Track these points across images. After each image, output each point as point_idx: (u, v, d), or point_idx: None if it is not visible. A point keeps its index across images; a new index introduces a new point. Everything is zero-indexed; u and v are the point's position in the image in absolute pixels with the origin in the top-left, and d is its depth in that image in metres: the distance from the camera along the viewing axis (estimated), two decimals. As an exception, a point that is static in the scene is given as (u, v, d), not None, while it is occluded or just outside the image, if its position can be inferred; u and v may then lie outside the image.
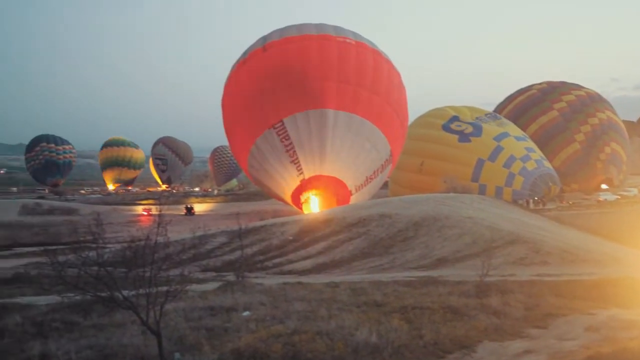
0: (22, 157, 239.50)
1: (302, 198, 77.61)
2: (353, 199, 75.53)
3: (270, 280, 33.47)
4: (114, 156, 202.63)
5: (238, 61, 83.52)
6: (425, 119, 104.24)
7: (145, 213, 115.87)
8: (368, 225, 50.57)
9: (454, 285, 26.76)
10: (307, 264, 44.22)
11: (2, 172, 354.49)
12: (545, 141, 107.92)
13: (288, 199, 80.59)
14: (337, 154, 75.30)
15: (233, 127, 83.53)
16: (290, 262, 45.52)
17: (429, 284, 27.63)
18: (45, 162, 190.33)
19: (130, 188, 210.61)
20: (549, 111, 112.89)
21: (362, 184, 77.22)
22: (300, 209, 78.19)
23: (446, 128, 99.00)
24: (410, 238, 46.30)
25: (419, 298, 23.07)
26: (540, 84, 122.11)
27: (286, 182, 78.19)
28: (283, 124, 75.72)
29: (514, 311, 20.68)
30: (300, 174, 76.13)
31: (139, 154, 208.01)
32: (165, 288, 16.96)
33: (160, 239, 17.67)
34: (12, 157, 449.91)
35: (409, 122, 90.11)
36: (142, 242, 17.45)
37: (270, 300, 23.48)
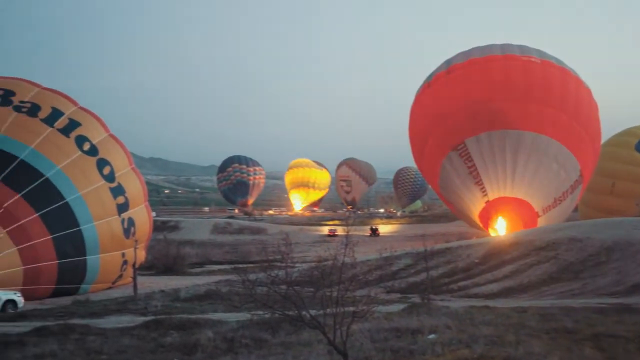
0: (214, 178, 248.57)
1: (487, 220, 76.53)
2: (541, 221, 73.44)
3: (456, 303, 33.05)
4: (300, 177, 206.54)
5: (423, 84, 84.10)
6: (617, 138, 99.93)
7: (331, 234, 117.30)
8: (557, 249, 48.97)
9: (650, 313, 25.44)
10: (493, 287, 43.36)
11: (196, 191, 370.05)
12: None
13: (475, 221, 79.77)
14: (522, 175, 73.62)
15: (420, 150, 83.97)
16: (477, 285, 44.78)
17: (622, 312, 26.37)
18: (236, 182, 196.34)
19: (316, 209, 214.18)
20: None
21: (549, 206, 74.93)
22: (487, 231, 77.06)
23: (638, 148, 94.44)
24: (602, 263, 44.39)
25: (612, 326, 22.01)
26: None
27: (472, 204, 77.41)
28: (465, 145, 75.15)
29: None
30: (485, 195, 75.11)
31: (323, 175, 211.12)
32: (351, 308, 17.02)
33: (347, 260, 17.76)
34: (205, 178, 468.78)
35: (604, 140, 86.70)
36: (330, 262, 17.62)
37: (456, 324, 23.09)
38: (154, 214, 69.72)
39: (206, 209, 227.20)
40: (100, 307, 36.88)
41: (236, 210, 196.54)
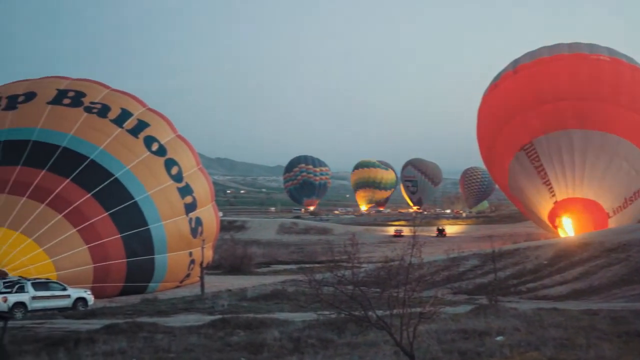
0: (280, 178, 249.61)
1: (556, 221, 75.42)
2: (611, 222, 72.04)
3: (524, 305, 32.59)
4: (365, 177, 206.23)
5: (490, 85, 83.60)
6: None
7: (398, 234, 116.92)
8: (628, 250, 47.90)
9: None
10: (562, 289, 42.64)
11: (262, 192, 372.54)
12: None
13: (544, 222, 78.72)
14: (591, 174, 72.34)
15: (488, 150, 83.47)
16: (545, 287, 44.11)
17: (698, 316, 25.66)
18: (303, 182, 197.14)
19: (382, 209, 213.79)
20: None
21: (620, 206, 73.41)
22: (556, 232, 75.94)
23: None
24: (675, 265, 43.38)
25: (685, 330, 21.45)
26: None
27: (541, 205, 76.44)
28: (533, 145, 74.39)
29: None
30: (553, 196, 74.09)
31: (389, 175, 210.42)
32: (418, 309, 16.88)
33: (414, 260, 17.62)
34: (271, 179, 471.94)
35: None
36: (396, 263, 17.50)
37: (525, 326, 22.76)
38: (221, 213, 70.32)
39: (272, 209, 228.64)
40: (168, 305, 37.28)
41: (302, 211, 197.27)
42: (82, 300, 37.72)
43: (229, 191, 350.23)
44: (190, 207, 51.22)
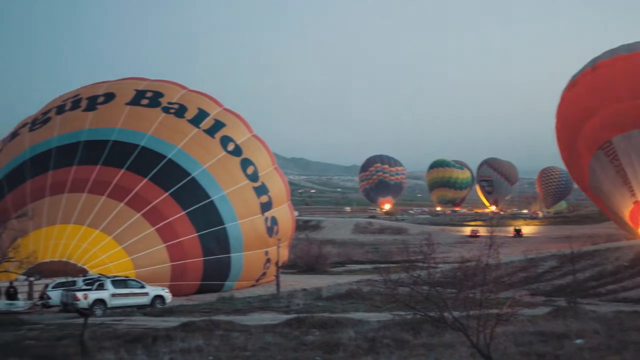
0: (355, 178, 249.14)
1: (638, 222, 73.73)
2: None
3: (604, 308, 31.96)
4: (440, 177, 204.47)
5: (568, 83, 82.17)
6: None
7: (473, 234, 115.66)
8: None
9: None
10: (644, 292, 41.72)
11: (337, 191, 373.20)
12: None
13: (626, 222, 76.98)
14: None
15: (567, 149, 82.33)
16: (625, 289, 43.22)
17: None
18: (378, 182, 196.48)
19: (457, 209, 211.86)
20: None
21: None
22: (638, 232, 74.21)
23: None
24: None
25: None
26: None
27: (621, 205, 74.79)
28: (611, 144, 72.86)
29: None
30: (633, 195, 72.49)
31: (464, 175, 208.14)
32: (495, 311, 16.66)
33: (491, 261, 17.41)
34: (346, 178, 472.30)
35: None
36: (473, 264, 17.32)
37: (605, 329, 22.30)
38: (296, 213, 70.61)
39: (347, 208, 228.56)
40: (244, 304, 37.55)
41: (377, 210, 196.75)
42: (159, 298, 38.18)
43: (300, 190, 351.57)
44: (266, 207, 51.54)
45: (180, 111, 51.88)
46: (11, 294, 38.08)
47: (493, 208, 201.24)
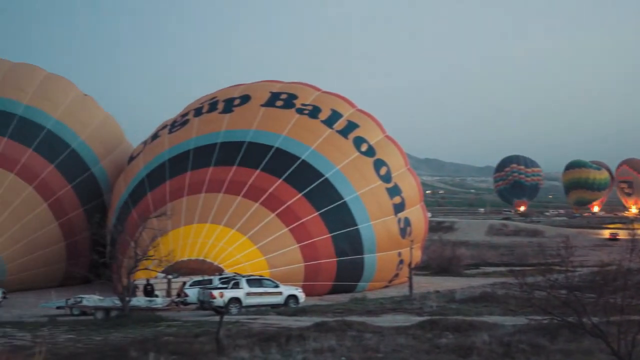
0: (489, 179, 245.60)
1: None
2: None
3: None
4: (577, 178, 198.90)
5: None
6: None
7: (613, 237, 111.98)
8: None
9: None
10: None
11: (471, 192, 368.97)
12: None
13: None
14: None
15: None
16: None
17: None
18: (514, 183, 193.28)
19: (595, 211, 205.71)
20: None
21: None
22: None
23: None
24: None
25: None
26: None
27: None
28: None
29: None
30: None
31: (602, 176, 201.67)
32: (638, 317, 16.05)
33: (633, 265, 16.80)
34: (480, 179, 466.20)
35: None
36: (613, 268, 16.77)
37: None
38: (429, 214, 70.13)
39: (481, 210, 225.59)
40: (377, 305, 37.49)
41: (512, 212, 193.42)
42: (293, 297, 38.57)
43: (428, 191, 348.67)
44: (398, 208, 51.37)
45: (314, 112, 52.40)
46: (149, 292, 39.38)
47: (634, 210, 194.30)
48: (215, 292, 35.87)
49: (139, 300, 37.24)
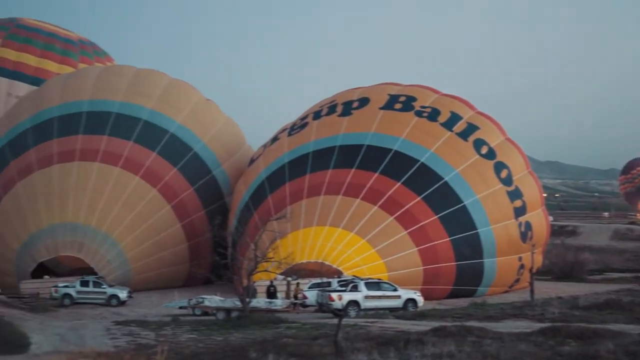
0: (614, 182, 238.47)
1: None
2: None
3: None
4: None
5: None
6: None
7: None
8: None
9: None
10: None
11: (595, 196, 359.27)
12: None
13: None
14: None
15: None
16: None
17: None
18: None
19: None
20: None
21: None
22: None
23: None
24: None
25: None
26: None
27: None
28: None
29: None
30: None
31: None
32: None
33: None
34: (604, 182, 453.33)
35: None
36: None
37: None
38: (551, 218, 68.67)
39: (605, 214, 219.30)
40: (497, 310, 36.96)
41: (638, 216, 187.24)
42: (412, 301, 38.41)
43: (549, 194, 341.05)
44: (519, 211, 50.50)
45: (433, 115, 52.10)
46: (271, 293, 39.99)
47: None
48: (334, 295, 36.10)
49: (259, 301, 37.85)
